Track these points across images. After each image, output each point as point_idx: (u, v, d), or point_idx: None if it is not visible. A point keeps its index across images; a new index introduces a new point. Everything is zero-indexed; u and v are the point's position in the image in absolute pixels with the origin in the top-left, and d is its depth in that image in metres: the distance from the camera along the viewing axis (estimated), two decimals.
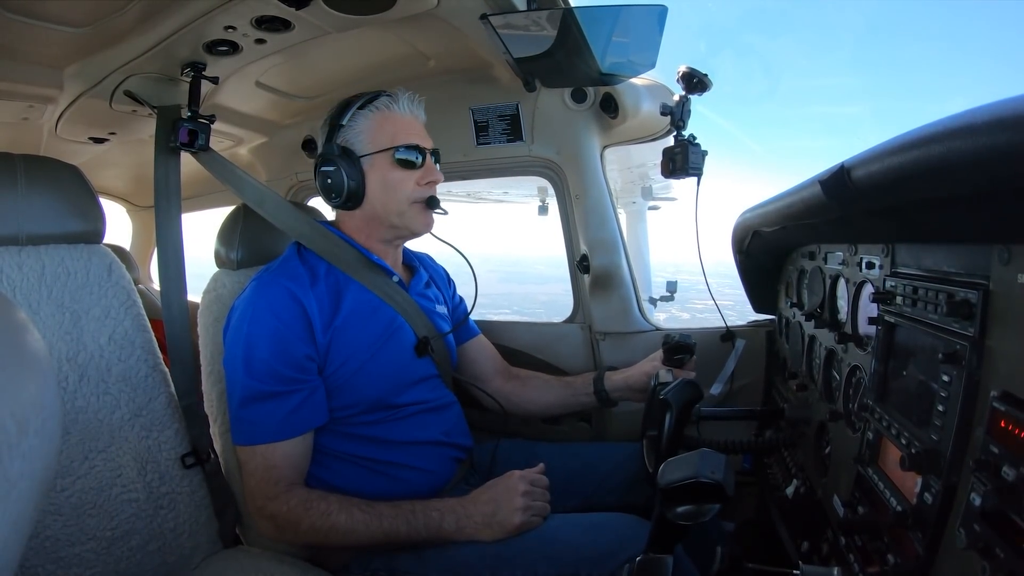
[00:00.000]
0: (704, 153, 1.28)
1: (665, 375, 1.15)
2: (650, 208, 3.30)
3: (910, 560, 0.67)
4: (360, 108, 1.16)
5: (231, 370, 1.07)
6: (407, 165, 1.15)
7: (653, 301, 2.06)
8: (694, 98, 1.27)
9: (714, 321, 1.55)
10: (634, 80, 1.39)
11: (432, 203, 1.18)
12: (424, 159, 1.17)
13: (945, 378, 0.65)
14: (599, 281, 1.55)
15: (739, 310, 1.69)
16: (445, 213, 1.20)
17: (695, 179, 1.30)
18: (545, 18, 1.09)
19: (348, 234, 1.21)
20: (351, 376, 1.09)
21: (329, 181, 1.14)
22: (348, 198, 1.15)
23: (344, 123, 1.15)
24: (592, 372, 1.41)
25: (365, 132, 1.15)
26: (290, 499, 1.02)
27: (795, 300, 1.29)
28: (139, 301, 1.14)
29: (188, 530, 1.10)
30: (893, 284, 0.81)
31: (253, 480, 1.05)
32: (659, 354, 1.29)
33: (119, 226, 3.00)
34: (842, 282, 1.03)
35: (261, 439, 1.04)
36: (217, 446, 1.20)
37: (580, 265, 1.57)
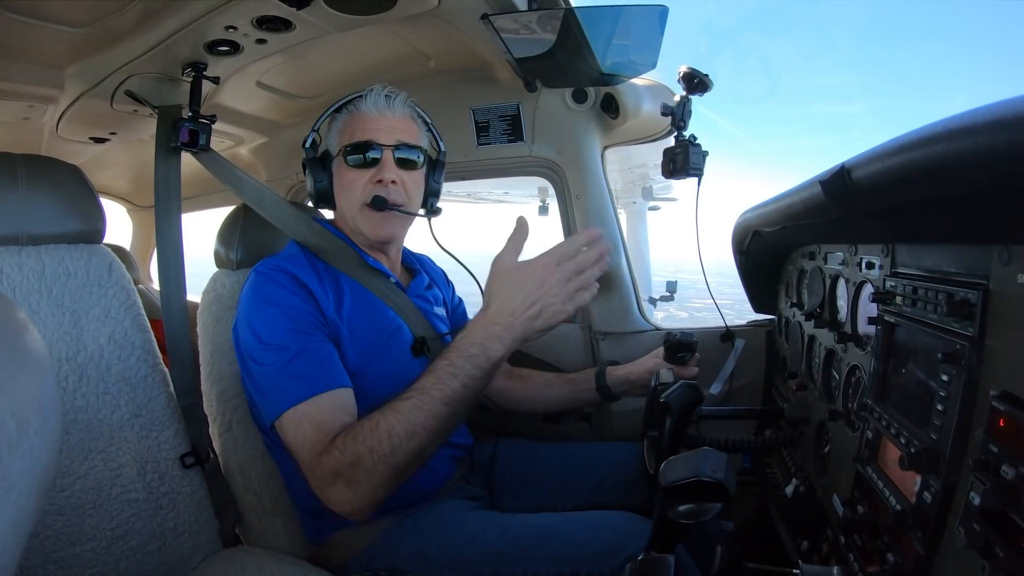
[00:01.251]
0: (705, 153, 1.28)
1: (666, 374, 1.15)
2: (650, 208, 3.31)
3: (910, 559, 0.67)
4: (337, 110, 1.19)
5: (248, 352, 1.02)
6: (357, 164, 1.14)
7: (653, 301, 2.06)
8: (695, 98, 1.28)
9: (713, 320, 1.55)
10: (635, 80, 1.39)
11: (376, 203, 1.12)
12: (381, 156, 1.13)
13: (944, 378, 0.65)
14: (599, 281, 1.55)
15: (738, 309, 1.69)
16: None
17: (696, 179, 1.30)
18: (546, 18, 1.09)
19: (345, 234, 1.22)
20: (350, 376, 1.08)
21: (306, 184, 1.21)
22: (318, 199, 1.21)
23: (317, 128, 1.19)
24: (594, 368, 1.41)
25: (334, 134, 1.19)
26: (336, 444, 0.92)
27: (795, 300, 1.29)
28: (139, 301, 1.14)
29: (188, 530, 1.10)
30: (893, 284, 0.81)
31: (304, 451, 0.94)
32: (661, 351, 1.29)
33: (119, 226, 3.00)
34: (842, 282, 1.03)
35: (299, 398, 0.96)
36: (217, 446, 1.19)
37: None
